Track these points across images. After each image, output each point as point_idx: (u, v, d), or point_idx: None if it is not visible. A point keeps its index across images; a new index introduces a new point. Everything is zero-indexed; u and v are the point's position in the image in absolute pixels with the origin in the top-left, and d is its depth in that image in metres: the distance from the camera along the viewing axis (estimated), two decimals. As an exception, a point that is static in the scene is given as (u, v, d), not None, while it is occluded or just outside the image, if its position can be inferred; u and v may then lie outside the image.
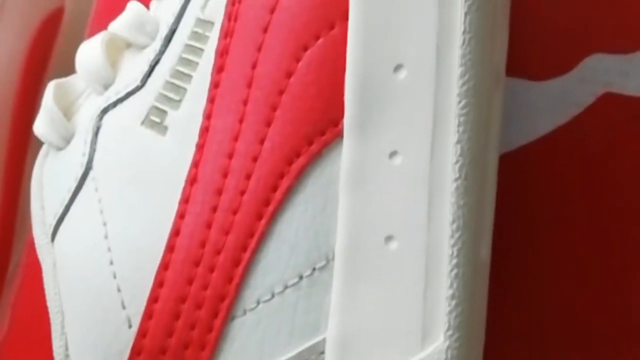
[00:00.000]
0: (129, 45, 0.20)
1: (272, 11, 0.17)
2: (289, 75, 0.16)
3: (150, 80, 0.18)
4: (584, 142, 0.23)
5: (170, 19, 0.19)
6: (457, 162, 0.15)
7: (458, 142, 0.15)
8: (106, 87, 0.19)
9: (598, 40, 0.23)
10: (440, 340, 0.15)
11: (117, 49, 0.20)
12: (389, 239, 0.16)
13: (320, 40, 0.16)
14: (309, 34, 0.16)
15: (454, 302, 0.15)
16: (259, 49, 0.17)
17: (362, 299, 0.16)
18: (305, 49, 0.16)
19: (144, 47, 0.19)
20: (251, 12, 0.17)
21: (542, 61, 0.23)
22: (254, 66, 0.17)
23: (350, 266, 0.16)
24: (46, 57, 0.38)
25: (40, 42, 0.36)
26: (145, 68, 0.19)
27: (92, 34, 0.26)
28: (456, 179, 0.15)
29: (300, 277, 0.16)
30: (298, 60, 0.16)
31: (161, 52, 0.18)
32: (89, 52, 0.20)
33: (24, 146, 0.36)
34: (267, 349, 0.16)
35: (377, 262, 0.16)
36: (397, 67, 0.16)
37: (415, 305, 0.16)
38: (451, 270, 0.15)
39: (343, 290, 0.16)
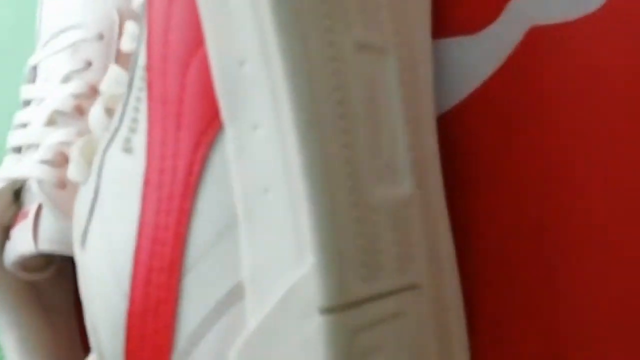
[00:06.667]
0: (120, 98, 0.26)
1: (165, 60, 0.22)
2: (183, 88, 0.22)
3: (124, 120, 0.25)
4: (520, 80, 0.25)
5: (130, 75, 0.25)
6: (294, 128, 0.20)
7: (291, 110, 0.20)
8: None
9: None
10: (310, 258, 0.20)
11: (115, 102, 0.27)
12: (265, 190, 0.21)
13: (195, 58, 0.22)
14: (188, 54, 0.22)
15: (314, 232, 0.20)
16: (165, 75, 0.22)
17: (258, 239, 0.21)
18: (188, 66, 0.22)
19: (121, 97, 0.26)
20: (155, 55, 0.23)
21: (471, 16, 0.26)
22: (164, 100, 0.22)
23: (247, 217, 0.21)
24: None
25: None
26: (120, 112, 0.25)
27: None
28: (297, 142, 0.20)
29: (221, 236, 0.21)
30: (185, 76, 0.22)
31: (127, 98, 0.25)
32: (95, 110, 0.27)
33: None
34: (210, 290, 0.21)
35: (261, 210, 0.21)
36: (242, 62, 0.21)
37: (290, 237, 0.20)
38: (308, 210, 0.20)
39: (246, 237, 0.21)
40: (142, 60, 0.24)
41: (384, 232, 0.22)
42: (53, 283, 0.46)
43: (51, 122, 0.42)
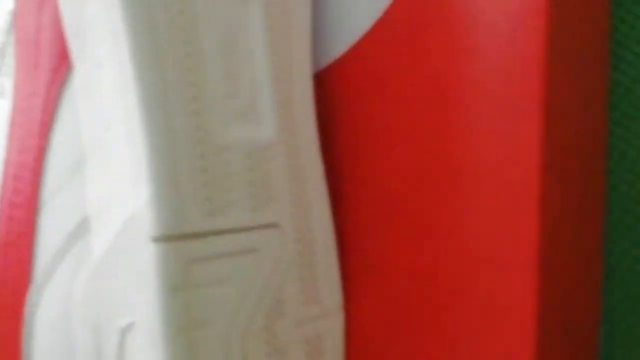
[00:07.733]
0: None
1: (25, 2, 0.23)
2: (39, 29, 0.23)
3: (2, 66, 0.26)
4: (398, 33, 0.26)
5: (9, 21, 0.26)
6: (132, 64, 0.20)
7: (128, 46, 0.20)
8: None
9: None
10: (146, 189, 0.20)
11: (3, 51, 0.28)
12: (108, 127, 0.21)
13: (48, -1, 0.22)
14: (41, -3, 0.22)
15: (149, 162, 0.20)
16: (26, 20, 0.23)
17: (101, 174, 0.21)
18: (43, 6, 0.22)
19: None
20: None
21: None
22: (26, 41, 0.23)
23: (92, 153, 0.22)
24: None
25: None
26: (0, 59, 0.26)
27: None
28: (134, 77, 0.20)
29: (73, 171, 0.22)
30: (40, 17, 0.23)
31: (5, 45, 0.26)
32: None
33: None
34: (62, 224, 0.22)
35: (104, 146, 0.21)
36: (86, 1, 0.21)
37: (129, 171, 0.21)
38: (144, 143, 0.20)
39: (91, 172, 0.22)
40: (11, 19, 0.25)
41: (237, 171, 0.22)
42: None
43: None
